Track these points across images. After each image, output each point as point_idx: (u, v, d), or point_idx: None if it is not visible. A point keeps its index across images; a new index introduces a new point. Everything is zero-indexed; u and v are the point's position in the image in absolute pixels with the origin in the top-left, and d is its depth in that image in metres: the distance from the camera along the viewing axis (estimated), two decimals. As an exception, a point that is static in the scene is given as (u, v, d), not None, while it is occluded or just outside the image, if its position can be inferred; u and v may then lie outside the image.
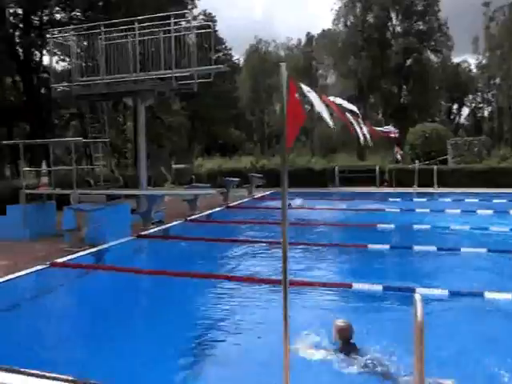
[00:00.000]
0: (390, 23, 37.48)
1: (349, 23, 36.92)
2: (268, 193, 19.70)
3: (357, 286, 5.96)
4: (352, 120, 4.04)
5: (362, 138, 4.27)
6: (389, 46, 35.61)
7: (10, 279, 6.52)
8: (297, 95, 2.81)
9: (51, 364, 3.81)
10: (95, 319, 4.93)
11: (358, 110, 4.29)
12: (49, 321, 5.26)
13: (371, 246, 8.33)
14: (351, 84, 35.41)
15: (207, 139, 47.26)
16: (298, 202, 14.49)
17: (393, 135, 6.58)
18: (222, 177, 20.12)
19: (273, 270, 6.95)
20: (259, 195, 18.68)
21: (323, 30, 48.32)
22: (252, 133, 53.79)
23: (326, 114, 3.39)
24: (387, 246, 8.39)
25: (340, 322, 4.06)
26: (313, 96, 2.99)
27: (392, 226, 10.66)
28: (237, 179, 17.39)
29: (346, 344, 3.95)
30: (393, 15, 37.11)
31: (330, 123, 3.47)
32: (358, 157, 33.22)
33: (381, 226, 10.48)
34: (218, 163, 29.58)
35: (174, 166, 16.59)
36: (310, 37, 53.38)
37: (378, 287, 5.83)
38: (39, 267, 7.13)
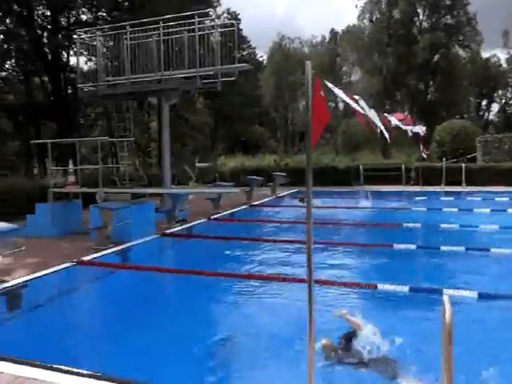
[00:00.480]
0: (416, 18, 36.86)
1: (374, 19, 36.45)
2: (292, 191, 19.67)
3: (382, 286, 5.89)
4: (373, 117, 3.98)
5: (386, 133, 4.20)
6: (415, 41, 34.99)
7: (39, 276, 6.67)
8: (322, 93, 2.80)
9: (77, 359, 3.91)
10: (121, 317, 5.01)
11: (384, 106, 4.22)
12: (76, 318, 5.38)
13: (397, 246, 8.22)
14: (376, 81, 34.96)
15: (230, 137, 47.45)
16: (316, 202, 14.39)
17: (422, 134, 6.48)
18: (245, 175, 20.18)
19: (297, 269, 6.96)
20: (283, 194, 18.65)
21: (347, 26, 47.98)
22: (275, 130, 53.75)
23: (357, 107, 3.37)
24: (413, 246, 8.27)
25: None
26: (339, 92, 2.98)
27: (418, 225, 10.50)
28: (260, 178, 17.41)
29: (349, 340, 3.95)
30: (419, 10, 36.47)
31: (362, 112, 3.43)
32: (383, 155, 32.82)
33: (407, 225, 10.34)
34: (240, 161, 29.66)
35: (197, 165, 16.69)
36: (334, 33, 53.01)
37: (405, 288, 5.75)
38: (66, 265, 7.29)
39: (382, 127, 3.85)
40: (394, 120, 3.74)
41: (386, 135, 4.12)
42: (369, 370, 3.63)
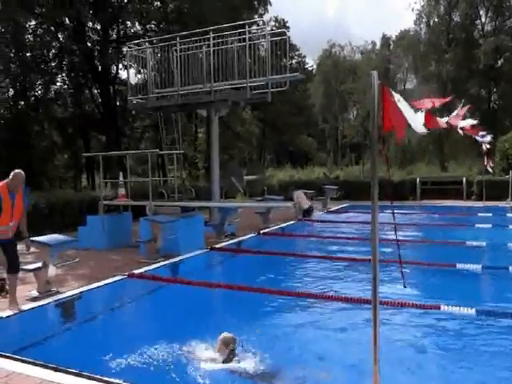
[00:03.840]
0: (478, 21, 35.83)
1: (432, 23, 35.72)
2: (343, 205, 19.50)
3: (446, 308, 5.74)
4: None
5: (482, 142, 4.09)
6: (477, 45, 33.95)
7: (92, 288, 6.96)
8: (392, 99, 2.84)
9: (125, 371, 4.07)
10: (171, 331, 5.14)
11: (442, 117, 4.14)
12: (127, 330, 5.56)
13: (460, 266, 7.99)
14: (433, 88, 34.15)
15: (277, 149, 47.67)
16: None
17: (487, 144, 6.28)
18: (294, 188, 20.19)
19: (352, 288, 6.90)
20: (334, 208, 18.52)
21: (401, 31, 47.26)
22: (324, 141, 53.47)
23: (416, 123, 3.35)
24: (479, 266, 8.00)
25: (227, 334, 4.46)
26: (403, 105, 2.99)
27: (483, 243, 10.14)
28: (311, 191, 17.38)
29: (231, 353, 4.31)
30: (482, 12, 35.45)
31: (421, 131, 3.40)
32: (441, 167, 31.94)
33: (470, 244, 10.01)
34: (289, 174, 29.74)
35: (245, 177, 16.90)
36: (386, 39, 52.37)
37: (471, 311, 5.58)
38: (118, 278, 7.56)
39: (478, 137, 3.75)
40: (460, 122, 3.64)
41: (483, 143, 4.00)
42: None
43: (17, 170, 5.89)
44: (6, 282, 6.60)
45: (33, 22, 21.75)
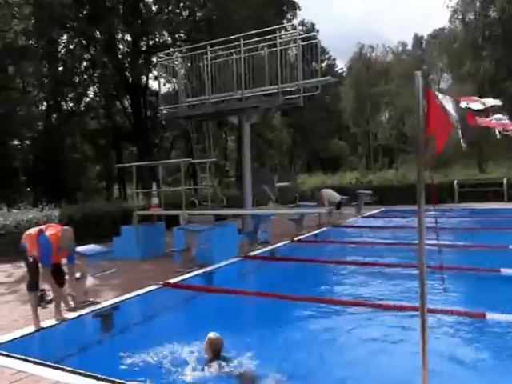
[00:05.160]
0: (516, 16, 34.99)
1: (467, 20, 34.96)
2: (378, 211, 19.27)
3: (492, 315, 5.58)
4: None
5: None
6: (515, 42, 33.16)
7: (129, 298, 7.09)
8: (437, 101, 2.81)
9: (162, 379, 4.12)
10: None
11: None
12: (163, 339, 5.62)
13: (505, 271, 7.76)
14: (469, 88, 33.41)
15: (308, 155, 47.53)
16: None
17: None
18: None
19: (391, 295, 6.81)
20: (368, 213, 18.32)
21: (434, 30, 46.58)
22: (356, 146, 53.00)
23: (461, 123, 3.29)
24: (525, 271, 7.75)
25: (213, 335, 4.47)
26: (449, 106, 2.95)
27: (528, 247, 9.82)
28: (345, 197, 17.26)
29: (217, 356, 4.33)
30: (521, 7, 34.60)
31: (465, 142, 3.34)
32: (479, 169, 31.18)
33: (515, 248, 9.71)
34: (320, 180, 29.62)
35: (277, 185, 16.91)
36: (417, 38, 51.68)
37: (518, 318, 5.41)
38: (153, 287, 7.66)
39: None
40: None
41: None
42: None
43: (66, 228, 5.89)
44: (46, 293, 6.80)
45: (64, 37, 22.50)
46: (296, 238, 12.42)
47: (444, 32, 40.33)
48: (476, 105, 3.50)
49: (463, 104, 3.59)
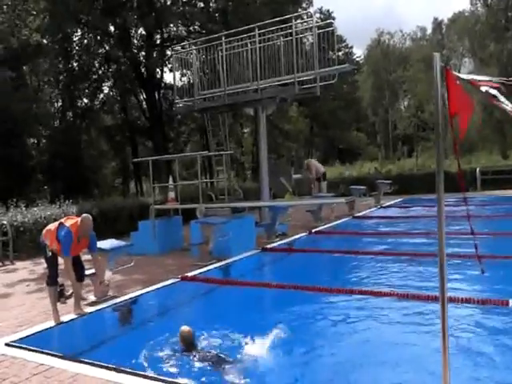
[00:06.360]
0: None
1: (489, 1, 34.31)
2: (397, 200, 19.12)
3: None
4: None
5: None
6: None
7: (147, 292, 7.18)
8: (457, 82, 2.77)
9: (181, 371, 4.18)
10: (230, 334, 5.20)
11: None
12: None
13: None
14: (492, 71, 32.80)
15: (326, 145, 47.25)
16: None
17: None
18: (344, 185, 19.98)
19: (413, 284, 6.75)
20: (388, 203, 18.17)
21: (454, 14, 45.73)
22: (375, 135, 52.52)
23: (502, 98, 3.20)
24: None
25: (184, 328, 4.77)
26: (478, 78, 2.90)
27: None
28: (363, 187, 17.15)
29: (191, 346, 4.65)
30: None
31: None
32: (502, 156, 30.65)
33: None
34: (338, 171, 29.43)
35: (293, 176, 16.86)
36: (437, 23, 50.79)
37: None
38: (171, 281, 7.74)
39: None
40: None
41: None
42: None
43: (85, 215, 6.01)
44: (65, 288, 6.92)
45: (79, 32, 22.68)
46: (314, 230, 12.39)
47: (464, 15, 39.62)
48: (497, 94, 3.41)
49: (483, 88, 3.53)
